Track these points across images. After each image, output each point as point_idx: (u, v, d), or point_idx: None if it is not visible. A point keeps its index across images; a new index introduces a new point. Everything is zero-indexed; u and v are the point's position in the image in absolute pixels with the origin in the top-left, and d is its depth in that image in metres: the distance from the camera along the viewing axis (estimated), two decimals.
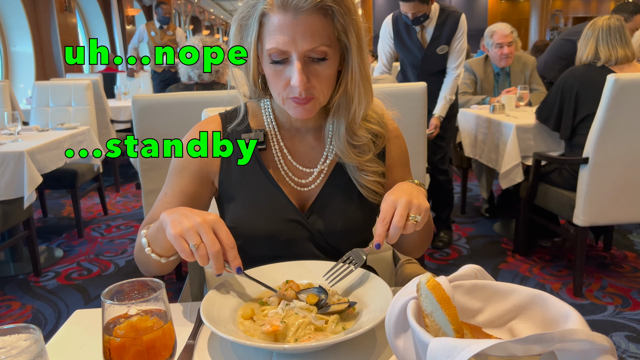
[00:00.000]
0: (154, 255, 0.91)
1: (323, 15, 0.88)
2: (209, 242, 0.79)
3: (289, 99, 0.94)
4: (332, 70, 0.93)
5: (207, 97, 2.04)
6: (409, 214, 0.87)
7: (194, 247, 0.79)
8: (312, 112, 0.96)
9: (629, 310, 2.40)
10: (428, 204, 0.91)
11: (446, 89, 3.02)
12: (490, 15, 12.51)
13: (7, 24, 6.89)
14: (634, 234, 3.37)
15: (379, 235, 0.86)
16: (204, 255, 0.79)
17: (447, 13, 2.94)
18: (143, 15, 11.33)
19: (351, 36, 0.92)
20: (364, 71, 0.96)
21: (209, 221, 0.81)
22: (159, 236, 0.88)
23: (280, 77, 0.91)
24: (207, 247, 0.79)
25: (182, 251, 0.80)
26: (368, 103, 1.00)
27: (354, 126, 1.02)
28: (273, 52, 0.89)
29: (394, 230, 0.85)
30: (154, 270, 0.98)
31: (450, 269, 2.93)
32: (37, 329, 0.58)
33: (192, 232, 0.79)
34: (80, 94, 3.99)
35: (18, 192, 2.70)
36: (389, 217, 0.86)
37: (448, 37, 2.95)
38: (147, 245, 0.91)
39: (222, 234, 0.81)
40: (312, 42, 0.87)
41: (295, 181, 1.05)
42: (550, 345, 0.48)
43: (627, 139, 2.34)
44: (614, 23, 2.51)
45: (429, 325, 0.57)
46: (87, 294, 2.77)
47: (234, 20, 0.96)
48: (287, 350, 0.77)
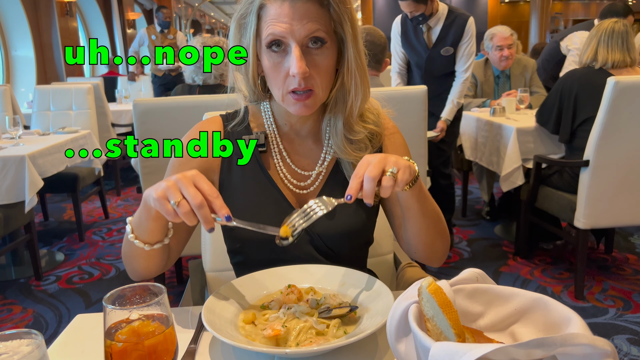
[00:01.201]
0: (137, 241, 0.89)
1: (319, 4, 0.89)
2: (191, 195, 0.76)
3: (288, 95, 0.93)
4: (330, 61, 0.93)
5: (208, 100, 2.04)
6: (385, 170, 0.81)
7: (175, 204, 0.77)
8: (312, 109, 0.95)
9: (630, 313, 2.39)
10: (409, 163, 0.84)
11: (455, 92, 3.01)
12: (490, 18, 12.52)
13: (8, 28, 6.91)
14: (635, 236, 3.36)
15: (350, 188, 0.81)
16: (187, 211, 0.76)
17: (455, 15, 2.94)
18: (144, 19, 11.36)
19: (346, 26, 0.93)
20: (360, 62, 0.96)
21: (188, 176, 0.79)
22: (143, 217, 0.86)
23: (280, 69, 0.92)
24: (190, 201, 0.77)
25: (166, 212, 0.77)
26: (364, 96, 0.99)
27: (351, 120, 1.01)
28: (271, 39, 0.90)
29: (368, 182, 0.79)
30: (139, 267, 0.95)
31: (452, 272, 2.92)
32: (38, 334, 0.58)
33: (172, 189, 0.77)
34: (81, 97, 4.00)
35: (19, 196, 2.71)
36: (362, 171, 0.81)
37: (454, 39, 2.95)
38: (131, 231, 0.90)
39: (204, 185, 0.78)
40: (309, 28, 0.88)
41: (294, 184, 1.05)
42: (552, 349, 0.48)
43: (627, 142, 2.34)
44: (619, 27, 2.50)
45: (430, 330, 0.57)
46: (89, 298, 2.77)
47: (233, 20, 0.97)
48: (288, 354, 0.77)
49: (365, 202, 0.81)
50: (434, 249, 1.02)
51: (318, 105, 0.97)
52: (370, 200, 0.81)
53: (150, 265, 0.95)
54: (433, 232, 0.99)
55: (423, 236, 0.99)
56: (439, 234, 1.01)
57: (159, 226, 0.88)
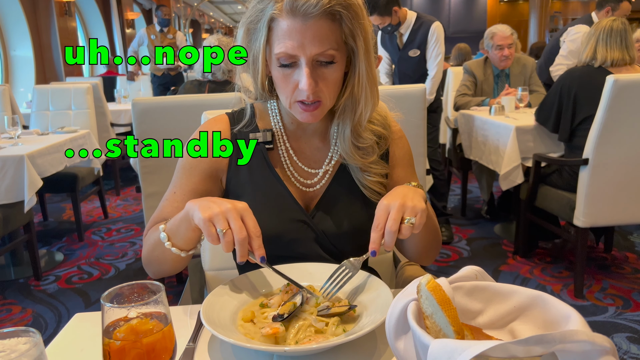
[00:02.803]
0: (174, 249, 0.91)
1: (331, 20, 0.89)
2: (237, 228, 0.81)
3: (296, 104, 0.94)
4: (339, 73, 0.94)
5: (207, 100, 2.04)
6: (404, 217, 0.85)
7: (222, 232, 0.80)
8: (319, 117, 0.97)
9: (629, 311, 2.39)
10: (424, 205, 0.89)
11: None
12: (489, 17, 12.51)
13: (7, 28, 6.91)
14: (634, 235, 3.37)
15: (373, 242, 0.85)
16: (230, 241, 0.81)
17: (422, 21, 3.34)
18: (143, 19, 11.35)
19: (358, 40, 0.92)
20: (371, 74, 0.97)
21: (238, 208, 0.83)
22: (182, 227, 0.88)
23: (289, 80, 0.92)
24: (234, 234, 0.81)
25: (209, 235, 0.81)
26: (374, 106, 1.00)
27: (359, 128, 1.02)
28: (282, 56, 0.90)
29: (389, 235, 0.84)
30: (168, 268, 0.98)
31: (451, 270, 2.92)
32: (36, 332, 0.58)
33: (221, 217, 0.81)
34: (80, 97, 4.00)
35: (18, 195, 2.70)
36: (382, 223, 0.85)
37: (420, 42, 3.34)
38: (166, 239, 0.91)
39: (250, 222, 0.83)
40: (320, 47, 0.88)
41: (300, 181, 1.05)
42: (551, 346, 0.48)
43: (627, 140, 2.34)
44: (617, 26, 2.50)
45: (429, 327, 0.57)
46: (88, 298, 2.77)
47: (242, 23, 0.97)
48: (287, 352, 0.76)
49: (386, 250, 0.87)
50: (428, 253, 1.08)
51: (325, 113, 0.98)
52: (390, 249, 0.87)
53: (179, 267, 0.99)
54: (430, 241, 1.05)
55: (420, 247, 1.05)
56: (434, 241, 1.07)
57: (196, 236, 0.91)
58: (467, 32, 11.52)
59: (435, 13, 11.65)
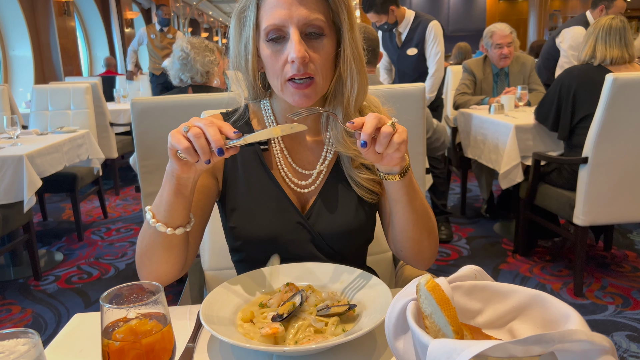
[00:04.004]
0: (159, 224, 0.87)
1: None
2: (200, 121, 0.80)
3: (287, 84, 0.93)
4: (330, 49, 0.94)
5: (206, 99, 2.04)
6: (386, 122, 0.81)
7: (187, 129, 0.79)
8: (312, 99, 0.95)
9: (629, 309, 2.40)
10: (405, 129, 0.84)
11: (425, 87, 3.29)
12: (488, 16, 12.50)
13: (6, 28, 6.90)
14: (634, 233, 3.37)
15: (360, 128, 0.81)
16: (198, 133, 0.78)
17: (419, 20, 3.39)
18: (142, 19, 11.34)
19: (342, 14, 0.94)
20: (357, 51, 0.97)
21: (200, 119, 0.82)
22: (164, 191, 0.87)
23: (279, 57, 0.92)
24: (198, 122, 0.80)
25: (178, 142, 0.79)
26: (361, 86, 0.99)
27: (350, 112, 1.01)
28: (271, 28, 0.91)
29: (370, 117, 0.80)
30: (159, 260, 0.91)
31: (450, 269, 2.92)
32: (35, 333, 0.58)
33: (185, 125, 0.81)
34: (79, 97, 3.99)
35: (18, 196, 2.70)
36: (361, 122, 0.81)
37: (418, 41, 3.39)
38: (152, 217, 0.89)
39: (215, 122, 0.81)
40: (308, 13, 0.89)
41: (295, 182, 1.05)
42: (550, 345, 0.48)
43: (626, 138, 2.33)
44: (616, 24, 2.50)
45: (428, 327, 0.57)
46: (88, 298, 2.77)
47: (234, 15, 0.98)
48: (287, 352, 0.76)
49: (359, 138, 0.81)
50: (421, 247, 1.00)
51: (318, 95, 0.97)
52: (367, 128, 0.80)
53: (170, 259, 0.91)
54: (420, 228, 0.97)
55: (410, 232, 0.97)
56: (426, 231, 0.99)
57: (180, 203, 0.87)
58: (466, 31, 11.53)
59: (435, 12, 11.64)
